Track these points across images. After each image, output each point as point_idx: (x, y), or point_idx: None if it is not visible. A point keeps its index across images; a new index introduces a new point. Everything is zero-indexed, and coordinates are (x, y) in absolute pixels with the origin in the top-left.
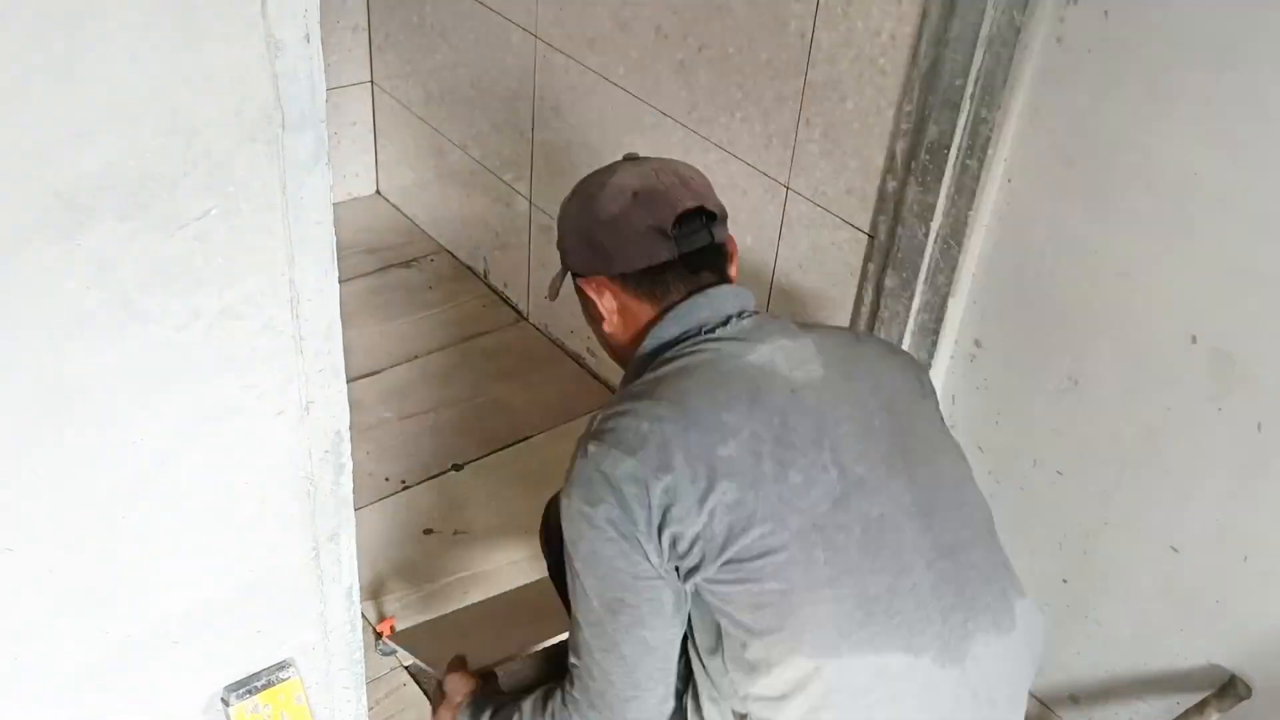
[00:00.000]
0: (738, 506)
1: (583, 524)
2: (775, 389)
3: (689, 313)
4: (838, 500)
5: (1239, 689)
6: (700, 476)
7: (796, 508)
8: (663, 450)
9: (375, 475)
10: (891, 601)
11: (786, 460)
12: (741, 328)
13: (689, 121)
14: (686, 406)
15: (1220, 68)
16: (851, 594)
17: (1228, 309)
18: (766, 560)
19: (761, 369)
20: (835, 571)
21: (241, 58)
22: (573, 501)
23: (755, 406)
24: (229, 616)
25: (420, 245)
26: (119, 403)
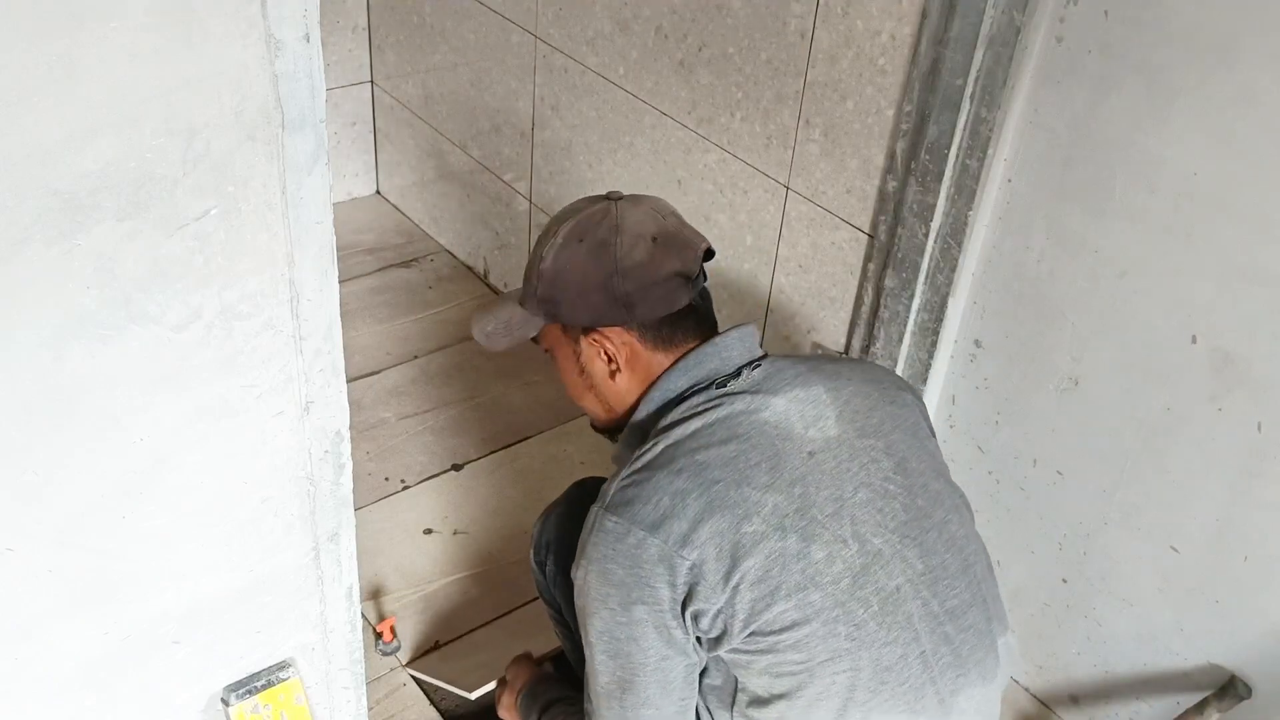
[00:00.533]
0: (762, 583)
1: (597, 602)
2: (793, 453)
3: (698, 364)
4: (857, 575)
5: (1239, 689)
6: (725, 555)
7: (819, 584)
8: (687, 528)
9: (375, 475)
10: (902, 670)
11: (808, 534)
12: (753, 380)
13: (689, 121)
14: (707, 479)
15: (1220, 67)
16: (868, 665)
17: (1228, 309)
18: (789, 634)
19: (778, 429)
20: (854, 645)
21: (241, 58)
22: (589, 577)
23: (775, 476)
24: (229, 616)
25: (420, 245)
26: (119, 402)
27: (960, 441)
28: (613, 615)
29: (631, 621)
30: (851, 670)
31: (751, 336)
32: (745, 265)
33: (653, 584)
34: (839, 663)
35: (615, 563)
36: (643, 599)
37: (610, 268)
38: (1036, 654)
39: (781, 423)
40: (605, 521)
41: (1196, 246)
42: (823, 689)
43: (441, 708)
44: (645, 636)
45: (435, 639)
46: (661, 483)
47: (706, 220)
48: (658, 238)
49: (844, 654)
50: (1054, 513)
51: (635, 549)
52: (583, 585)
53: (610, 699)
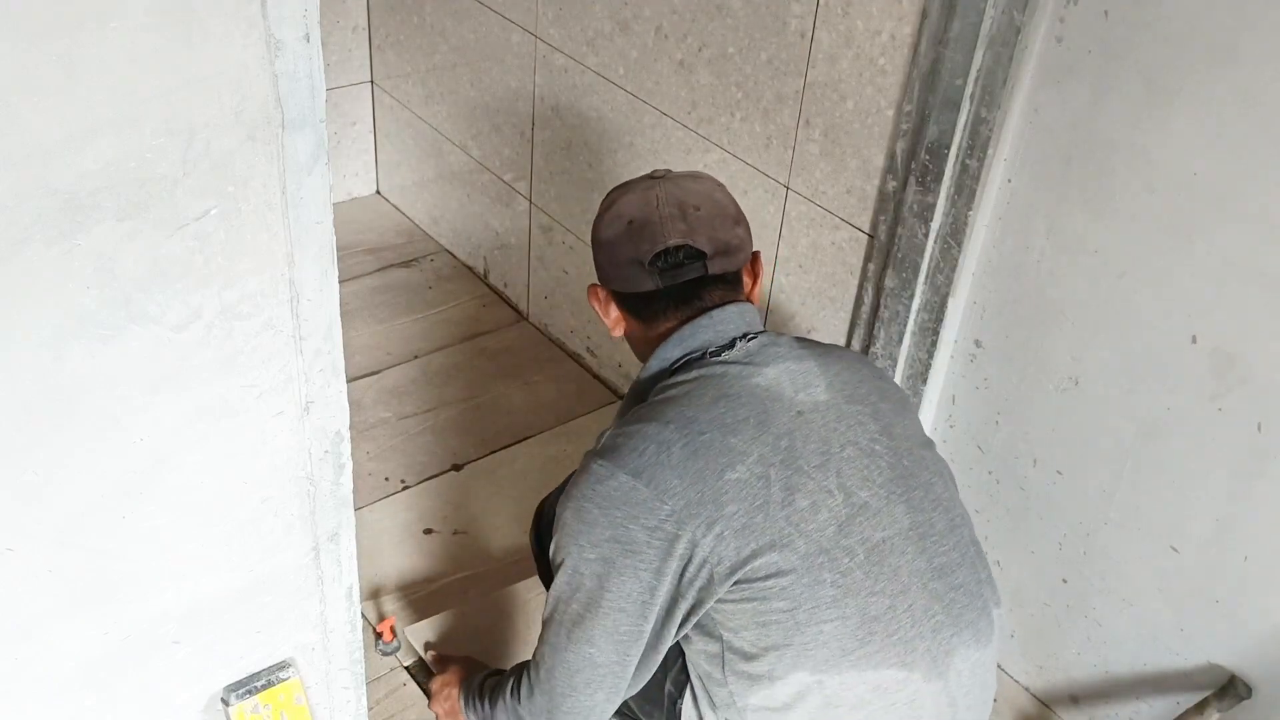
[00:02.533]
0: (745, 530)
1: (570, 538)
2: (781, 411)
3: (692, 334)
4: (843, 524)
5: (1239, 689)
6: (708, 501)
7: (804, 531)
8: (669, 475)
9: (375, 475)
10: (890, 621)
11: (794, 484)
12: (747, 350)
13: (689, 121)
14: (694, 430)
15: (1220, 67)
16: (855, 614)
17: (1228, 309)
18: (774, 581)
19: (768, 391)
20: (840, 593)
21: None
22: (568, 512)
23: (762, 429)
24: (229, 616)
25: (420, 245)
26: (119, 403)
27: (960, 441)
28: (581, 552)
29: (599, 559)
30: (839, 619)
31: (750, 312)
32: None
33: (628, 526)
34: (825, 611)
35: (593, 502)
36: (616, 539)
37: (596, 237)
38: (1036, 654)
39: (772, 386)
40: (592, 464)
41: (1196, 246)
42: (810, 639)
43: None
44: (608, 578)
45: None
46: (649, 432)
47: None
48: (633, 222)
49: (830, 602)
50: (1054, 513)
51: (615, 490)
52: (561, 519)
53: (559, 626)
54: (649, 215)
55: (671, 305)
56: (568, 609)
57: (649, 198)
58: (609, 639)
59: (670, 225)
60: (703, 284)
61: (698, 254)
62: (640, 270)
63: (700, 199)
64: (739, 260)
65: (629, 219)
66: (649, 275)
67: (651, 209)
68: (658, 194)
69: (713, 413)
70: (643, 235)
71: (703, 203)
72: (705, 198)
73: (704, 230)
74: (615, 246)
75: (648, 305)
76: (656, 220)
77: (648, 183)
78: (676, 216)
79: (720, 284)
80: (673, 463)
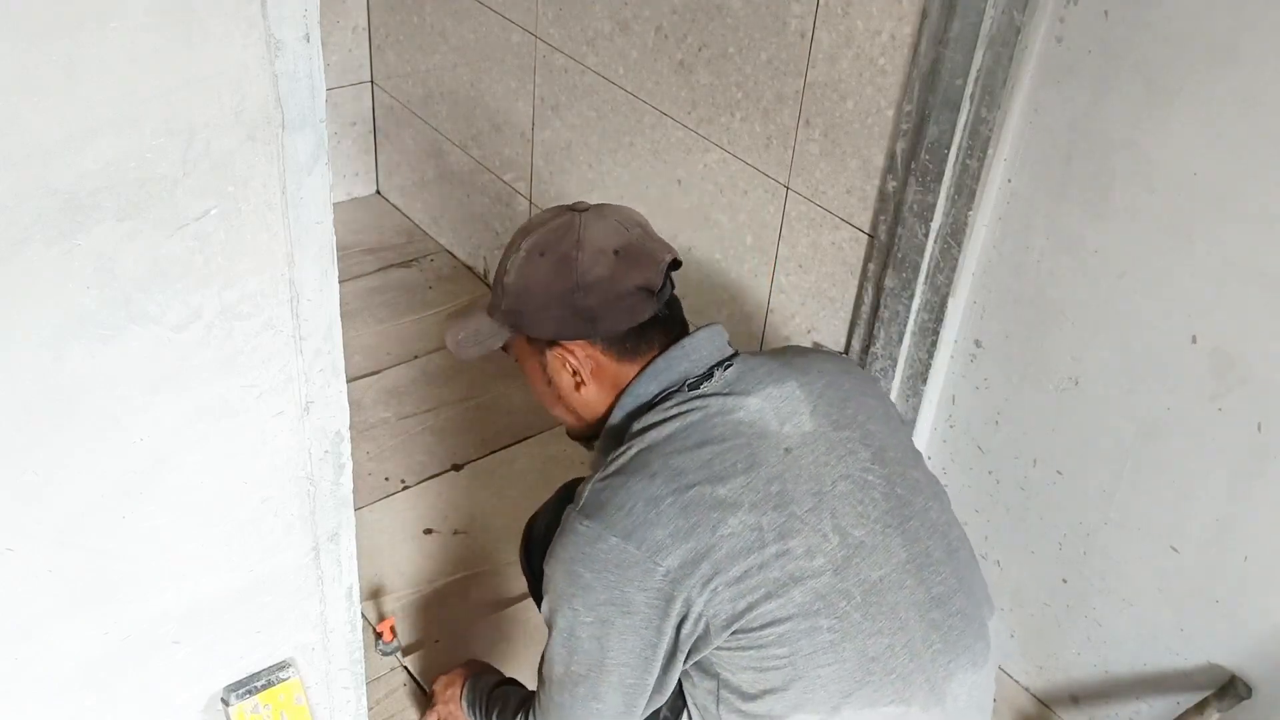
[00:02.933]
0: (741, 581)
1: (563, 600)
2: (769, 450)
3: (667, 367)
4: (839, 567)
5: (1239, 689)
6: (701, 558)
7: (799, 580)
8: (662, 535)
9: (375, 475)
10: (889, 659)
11: (787, 530)
12: (726, 380)
13: (689, 121)
14: (682, 483)
15: (1220, 67)
16: (853, 656)
17: (1228, 309)
18: (771, 630)
19: (753, 427)
20: (838, 637)
21: (241, 58)
22: (558, 575)
23: (752, 474)
24: (229, 616)
25: (420, 245)
26: (119, 403)
27: (960, 441)
28: (576, 615)
29: (596, 621)
30: (837, 662)
31: (720, 335)
32: (745, 265)
33: (623, 589)
34: (823, 656)
35: (584, 565)
36: (611, 601)
37: (572, 282)
38: (1036, 654)
39: (757, 421)
40: (578, 524)
41: (1196, 246)
42: (809, 683)
43: None
44: (607, 638)
45: (436, 638)
46: (635, 488)
47: (706, 220)
48: (620, 251)
49: (827, 647)
50: (1054, 513)
51: (606, 554)
52: (550, 582)
53: (562, 688)
54: (628, 241)
55: (661, 330)
56: (568, 670)
57: (612, 225)
58: (615, 693)
59: (651, 244)
60: (675, 301)
61: (674, 266)
62: (645, 298)
63: (635, 217)
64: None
65: (613, 249)
66: (651, 302)
67: (625, 234)
68: (616, 218)
69: (699, 459)
70: (639, 260)
71: (641, 218)
72: (636, 216)
73: (661, 242)
74: (614, 281)
75: (641, 338)
76: (638, 243)
77: (589, 215)
78: (645, 236)
79: (678, 301)
80: (663, 520)
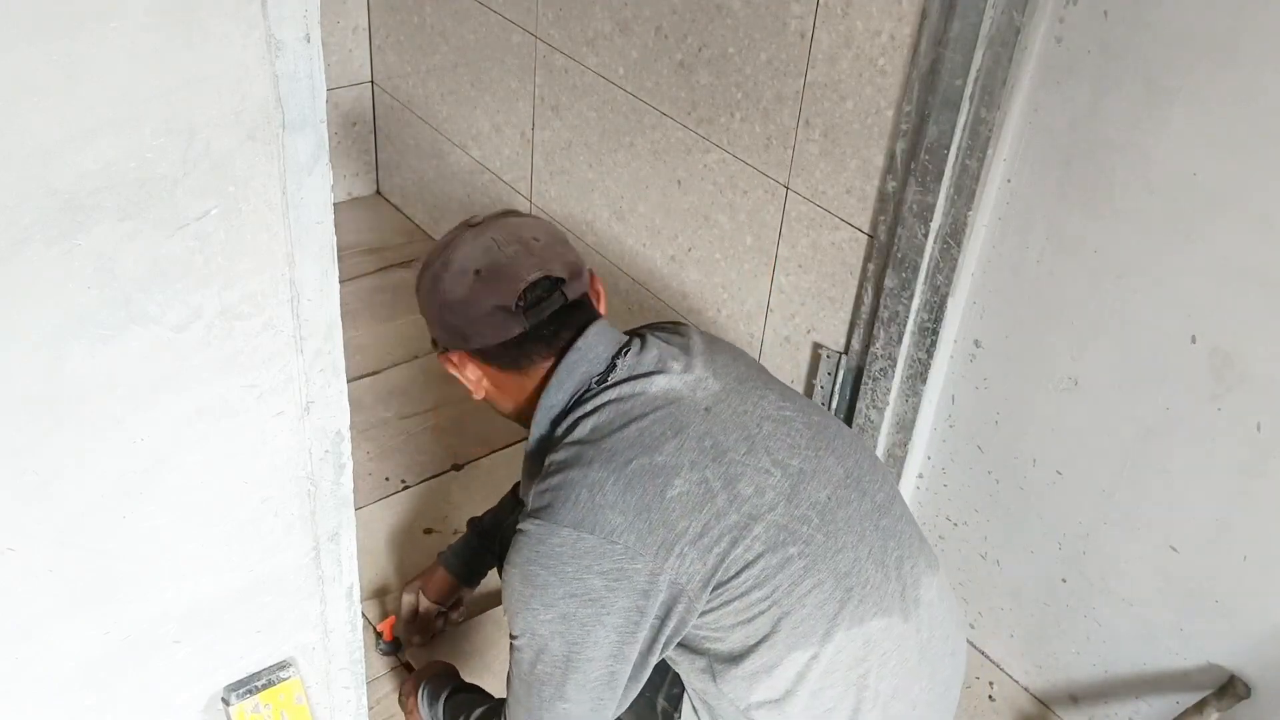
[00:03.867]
0: (704, 536)
1: (522, 603)
2: (690, 413)
3: (568, 373)
4: (790, 496)
5: (1238, 689)
6: (657, 526)
7: (757, 517)
8: (613, 514)
9: (375, 475)
10: (860, 572)
11: (731, 476)
12: (629, 365)
13: (689, 121)
14: (618, 461)
15: (1220, 68)
16: (829, 576)
17: (1228, 309)
18: (746, 573)
19: (668, 396)
20: (809, 561)
21: (241, 58)
22: (515, 579)
23: (682, 437)
24: (229, 616)
25: (420, 245)
26: (119, 402)
27: (960, 441)
28: (536, 615)
29: (558, 618)
30: (815, 587)
31: (608, 330)
32: (745, 265)
33: (584, 579)
34: (803, 584)
35: (538, 565)
36: (572, 594)
37: (439, 300)
38: (1036, 654)
39: (669, 391)
40: (527, 527)
41: (1196, 246)
42: (796, 617)
43: None
44: (571, 634)
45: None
46: (575, 479)
47: (706, 220)
48: (481, 271)
49: (803, 573)
50: (1054, 513)
51: (560, 548)
52: (508, 589)
53: (530, 691)
54: (495, 259)
55: (542, 343)
56: (534, 671)
57: (485, 244)
58: (583, 692)
59: (521, 261)
60: (564, 312)
61: (555, 282)
62: (506, 317)
63: (533, 230)
64: (585, 281)
65: (475, 269)
66: (516, 319)
67: (495, 252)
68: (492, 237)
69: (628, 438)
70: (498, 280)
71: (537, 233)
72: (537, 228)
73: (552, 257)
74: (470, 302)
75: (518, 352)
76: (505, 260)
77: (472, 233)
78: (522, 252)
79: (577, 309)
80: (609, 502)
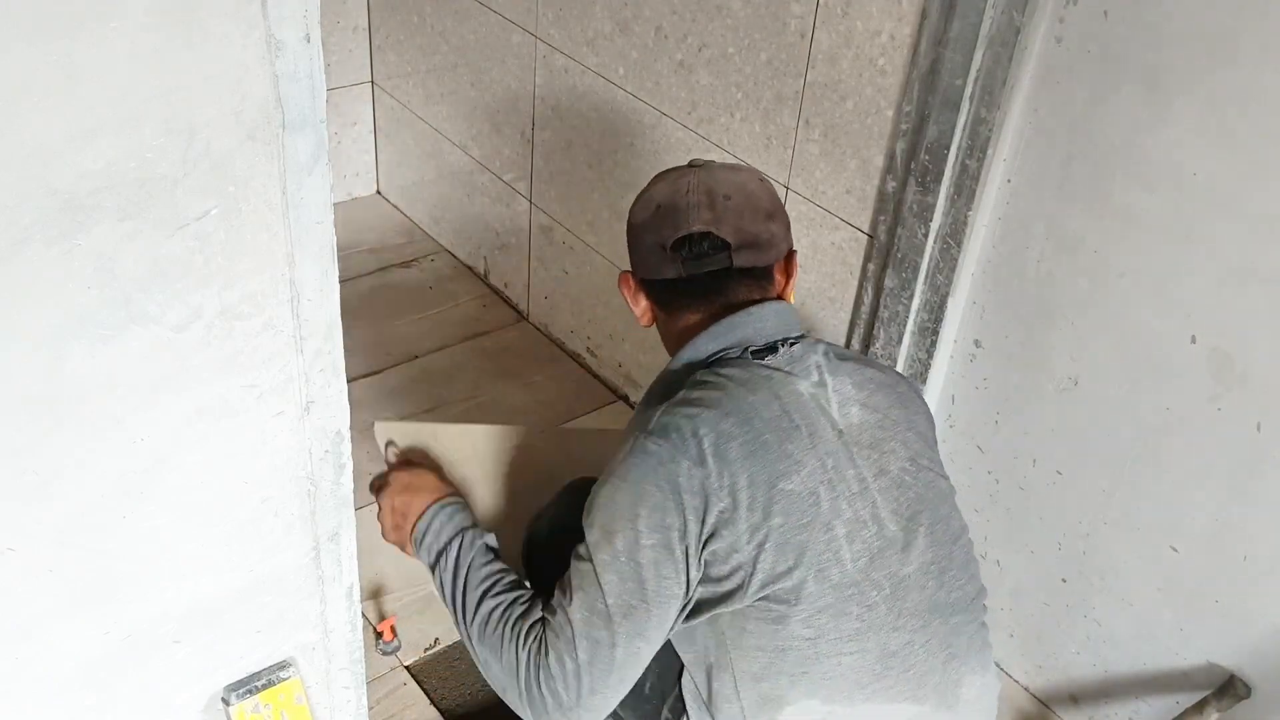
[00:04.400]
0: (786, 546)
1: (624, 520)
2: (827, 428)
3: (728, 330)
4: (874, 557)
5: (1238, 689)
6: (758, 506)
7: (839, 559)
8: (728, 468)
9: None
10: (907, 656)
11: (836, 508)
12: (791, 356)
13: (689, 121)
14: (754, 428)
15: (1220, 67)
16: (874, 649)
17: (1227, 309)
18: (801, 607)
19: (814, 402)
20: (863, 627)
21: (241, 58)
22: (618, 495)
23: (814, 445)
24: (229, 616)
25: (420, 245)
26: (119, 402)
27: (960, 441)
28: (638, 538)
29: (656, 545)
30: (858, 653)
31: (790, 314)
32: None
33: (685, 513)
34: (846, 644)
35: (654, 484)
36: (673, 526)
37: (629, 221)
38: (1036, 654)
39: (817, 397)
40: (648, 444)
41: (1195, 247)
42: (828, 670)
43: (441, 706)
44: (663, 564)
45: (435, 637)
46: (708, 419)
47: None
48: (661, 206)
49: (852, 635)
50: (1054, 513)
51: (675, 476)
52: (609, 503)
53: (604, 620)
54: (676, 201)
55: (694, 296)
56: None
57: (680, 184)
58: (659, 629)
59: (695, 213)
60: (727, 275)
61: (722, 244)
62: (663, 256)
63: (732, 189)
64: (769, 256)
65: (657, 204)
66: (671, 262)
67: (680, 195)
68: (690, 181)
69: (769, 413)
70: (667, 220)
71: (734, 192)
72: (738, 188)
73: (731, 220)
74: (642, 231)
75: (671, 294)
76: (683, 206)
77: (684, 170)
78: (704, 204)
79: (746, 278)
80: (731, 457)
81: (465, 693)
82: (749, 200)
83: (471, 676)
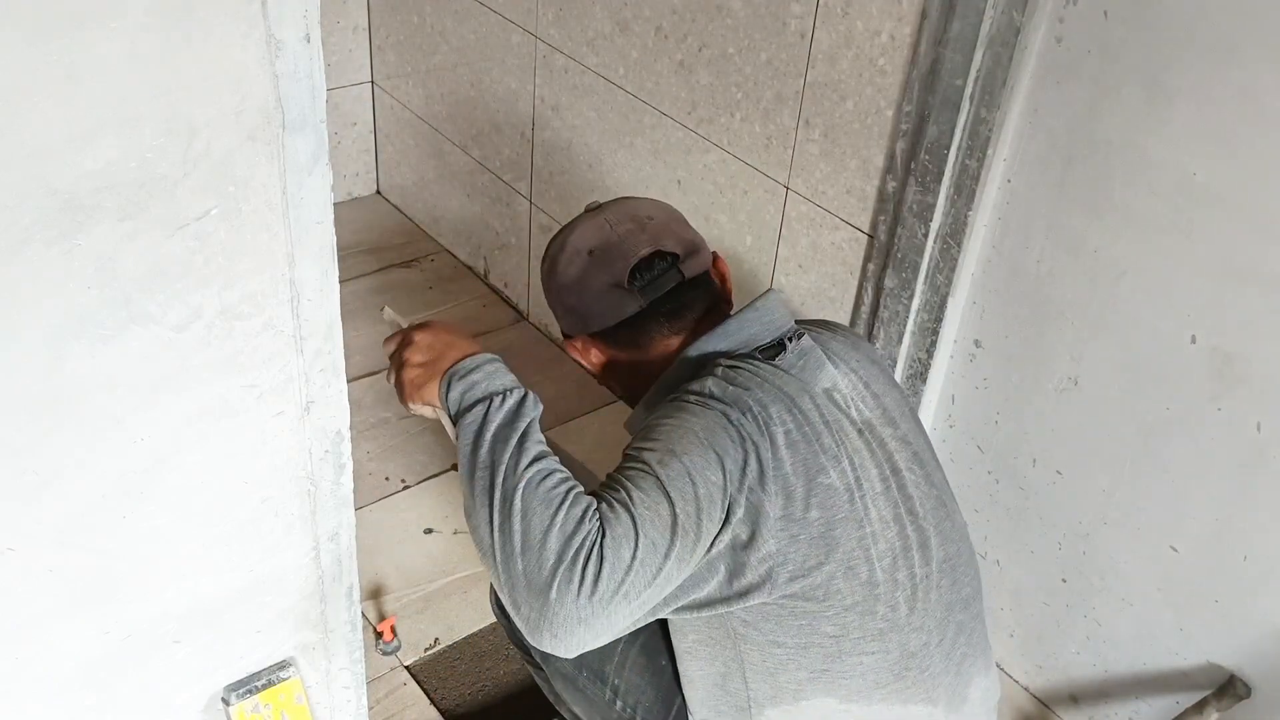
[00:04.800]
0: (821, 540)
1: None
2: (849, 426)
3: (739, 328)
4: (898, 556)
5: (1238, 689)
6: (797, 495)
7: (867, 558)
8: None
9: (375, 475)
10: (925, 657)
11: (865, 506)
12: (801, 350)
13: (689, 121)
14: (795, 418)
15: (1220, 68)
16: (895, 649)
17: (1227, 309)
18: (829, 604)
19: (832, 398)
20: (887, 626)
21: (241, 58)
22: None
23: (841, 442)
24: (229, 616)
25: (420, 245)
26: (119, 402)
27: (960, 441)
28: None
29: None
30: (880, 652)
31: (784, 306)
32: (745, 265)
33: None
34: (870, 644)
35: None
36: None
37: (557, 284)
38: (1036, 654)
39: (833, 392)
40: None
41: (1195, 247)
42: (849, 668)
43: (441, 707)
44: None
45: (435, 637)
46: (759, 399)
47: (706, 220)
48: (594, 250)
49: (876, 635)
50: (1054, 513)
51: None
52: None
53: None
54: (608, 238)
55: (662, 322)
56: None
57: (600, 225)
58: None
59: (633, 239)
60: (681, 291)
61: (672, 257)
62: (621, 294)
63: (647, 210)
64: (705, 259)
65: (588, 250)
66: (630, 296)
67: (608, 232)
68: (607, 218)
69: (805, 404)
70: (608, 259)
71: (653, 212)
72: (651, 208)
73: (665, 235)
74: (583, 282)
75: (637, 331)
76: (617, 240)
77: (590, 216)
78: (636, 230)
79: (697, 289)
80: (779, 441)
81: (465, 693)
82: (666, 213)
83: (471, 676)
